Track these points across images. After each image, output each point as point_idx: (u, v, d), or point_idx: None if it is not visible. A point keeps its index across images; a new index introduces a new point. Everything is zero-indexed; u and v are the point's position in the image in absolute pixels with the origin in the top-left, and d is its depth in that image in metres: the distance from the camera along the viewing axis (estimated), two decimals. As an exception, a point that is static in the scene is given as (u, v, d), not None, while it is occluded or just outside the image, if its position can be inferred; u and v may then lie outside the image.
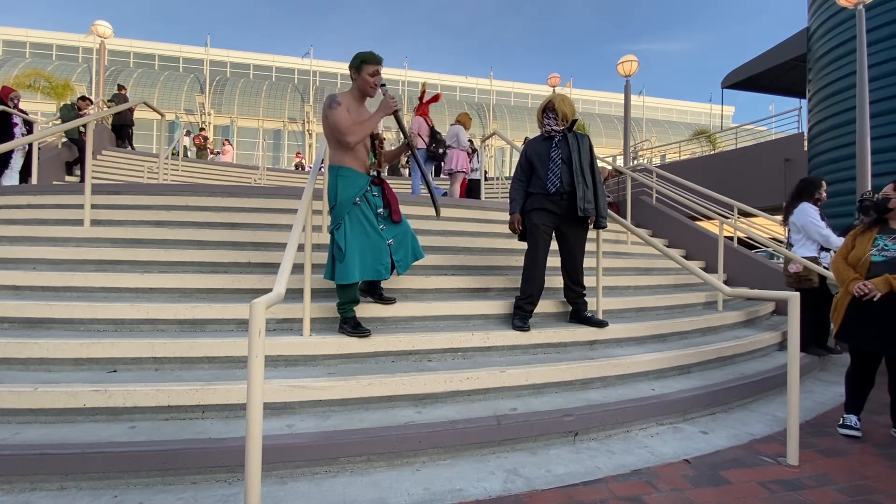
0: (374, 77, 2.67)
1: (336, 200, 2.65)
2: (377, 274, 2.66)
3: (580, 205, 3.02)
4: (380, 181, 2.83)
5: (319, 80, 32.67)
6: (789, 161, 10.68)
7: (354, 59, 2.69)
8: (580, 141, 3.14)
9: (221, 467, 1.87)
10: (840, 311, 2.62)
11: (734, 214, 6.00)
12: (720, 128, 20.35)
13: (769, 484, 1.98)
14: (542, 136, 3.22)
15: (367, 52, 2.70)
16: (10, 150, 5.81)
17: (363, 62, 2.66)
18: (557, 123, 3.14)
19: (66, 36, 30.72)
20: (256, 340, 1.49)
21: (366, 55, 2.68)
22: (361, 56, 2.67)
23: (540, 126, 3.25)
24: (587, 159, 3.13)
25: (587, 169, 3.11)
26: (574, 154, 3.07)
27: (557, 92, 3.48)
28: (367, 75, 2.66)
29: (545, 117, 3.19)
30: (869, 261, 2.52)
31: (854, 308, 2.54)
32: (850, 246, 2.66)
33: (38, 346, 2.34)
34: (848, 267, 2.61)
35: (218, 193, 4.33)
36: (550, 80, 14.96)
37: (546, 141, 3.18)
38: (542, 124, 3.21)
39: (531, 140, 3.32)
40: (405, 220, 2.90)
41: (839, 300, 2.65)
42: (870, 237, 2.58)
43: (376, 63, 2.68)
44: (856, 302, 2.52)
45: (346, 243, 2.58)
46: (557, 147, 3.12)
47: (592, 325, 3.22)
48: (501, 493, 1.86)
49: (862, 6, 5.91)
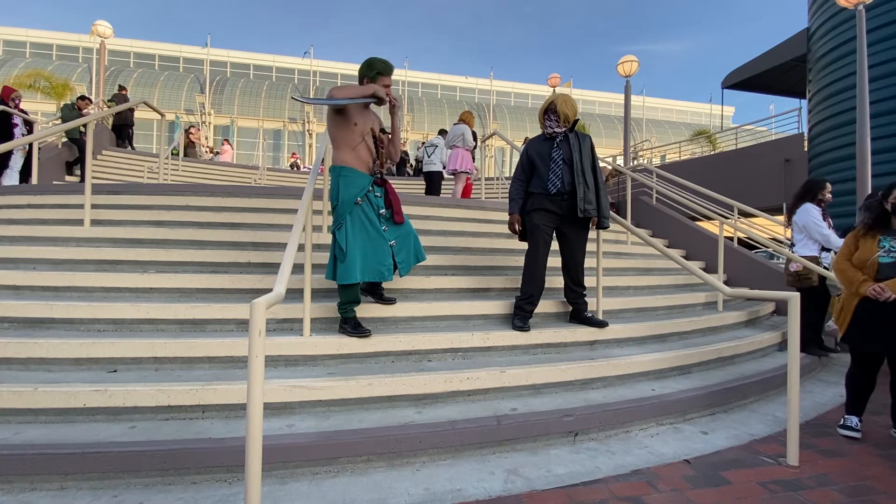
0: (388, 87, 2.69)
1: (337, 200, 2.65)
2: (379, 275, 2.64)
3: (580, 206, 3.02)
4: (382, 182, 2.82)
5: (320, 80, 32.67)
6: (789, 161, 10.68)
7: (370, 69, 2.68)
8: (581, 141, 3.14)
9: (221, 467, 1.87)
10: (847, 313, 2.59)
11: (734, 215, 6.01)
12: (720, 128, 20.36)
13: (769, 484, 1.98)
14: (544, 136, 3.22)
15: (381, 61, 2.69)
16: (10, 150, 5.81)
17: (379, 74, 2.67)
18: (559, 125, 3.14)
19: (66, 36, 30.74)
20: (256, 340, 1.49)
21: (382, 66, 2.68)
22: (378, 67, 2.67)
23: (542, 127, 3.25)
24: (588, 160, 3.13)
25: (588, 169, 3.10)
26: (575, 154, 3.07)
27: (559, 92, 3.44)
28: (381, 85, 2.67)
29: (546, 119, 3.18)
30: (877, 262, 2.49)
31: (862, 310, 2.52)
32: (853, 247, 2.63)
33: (38, 346, 2.34)
34: (855, 269, 2.57)
35: (218, 193, 4.33)
36: (550, 80, 14.96)
37: (547, 141, 3.18)
38: (544, 125, 3.21)
39: (532, 140, 3.31)
40: (407, 221, 2.89)
41: (846, 302, 2.62)
42: (874, 238, 2.56)
43: (390, 74, 2.69)
44: (864, 304, 2.51)
45: (348, 244, 2.57)
46: (559, 147, 3.12)
47: (593, 325, 3.22)
48: (501, 493, 1.86)
49: (862, 6, 5.91)
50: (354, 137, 2.68)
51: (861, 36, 5.96)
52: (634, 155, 15.02)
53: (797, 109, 12.08)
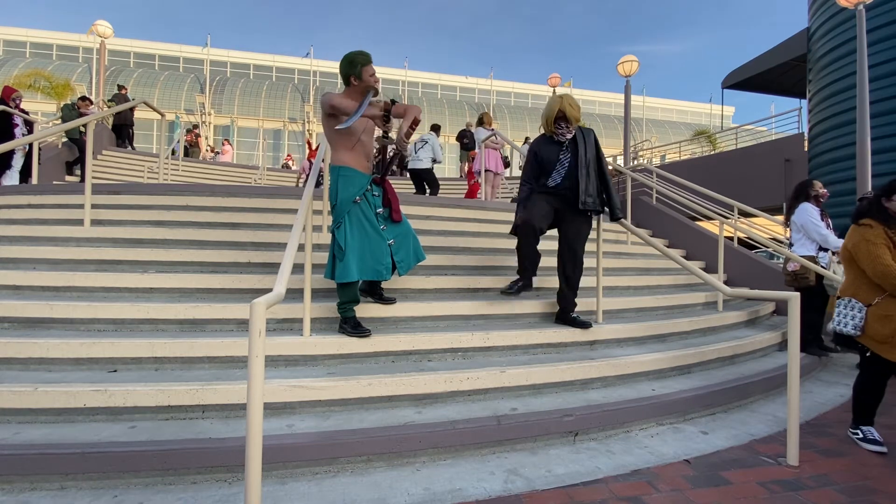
0: (373, 76, 2.66)
1: (336, 199, 2.66)
2: (377, 274, 2.65)
3: (581, 197, 3.01)
4: (381, 181, 2.82)
5: (319, 80, 32.67)
6: (789, 161, 10.68)
7: (352, 66, 2.61)
8: (586, 136, 3.14)
9: (221, 467, 1.87)
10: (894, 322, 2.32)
11: (734, 214, 6.01)
12: (720, 128, 20.35)
13: (769, 484, 1.98)
14: (552, 139, 3.19)
15: (360, 53, 2.63)
16: (11, 151, 5.81)
17: (363, 66, 2.62)
18: (570, 129, 3.13)
19: (66, 36, 30.73)
20: (256, 340, 1.49)
21: (363, 58, 2.62)
22: (360, 60, 2.61)
23: (550, 132, 3.19)
24: (592, 151, 3.11)
25: (592, 161, 3.09)
26: (580, 147, 3.08)
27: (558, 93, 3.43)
28: (367, 76, 2.64)
29: (557, 126, 3.12)
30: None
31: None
32: (888, 241, 2.37)
33: (38, 345, 2.34)
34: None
35: (218, 193, 4.33)
36: (550, 80, 14.95)
37: (555, 145, 3.16)
38: (555, 132, 3.15)
39: (539, 141, 3.25)
40: (406, 220, 2.89)
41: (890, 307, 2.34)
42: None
43: (371, 61, 2.64)
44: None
45: (346, 242, 2.58)
46: (567, 150, 3.12)
47: (576, 326, 3.16)
48: (501, 493, 1.86)
49: (862, 6, 5.91)
50: (351, 138, 2.68)
51: (861, 36, 5.96)
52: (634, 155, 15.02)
53: (797, 109, 12.07)
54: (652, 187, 7.03)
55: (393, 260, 2.72)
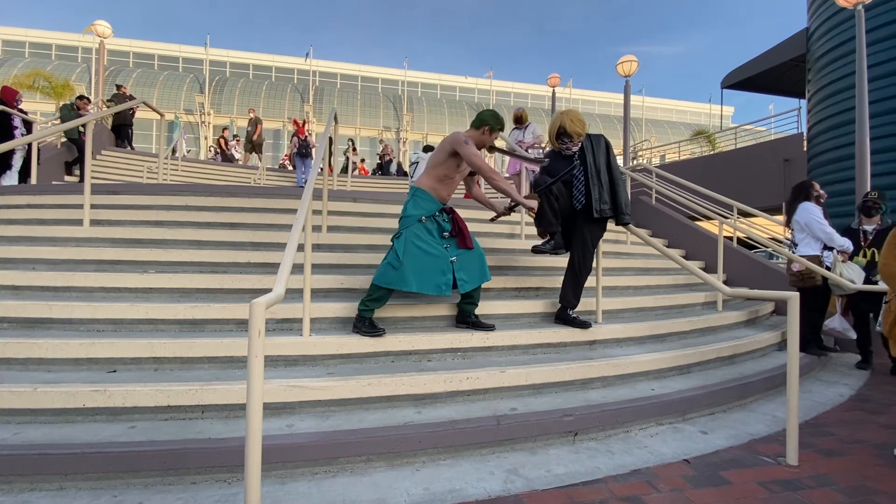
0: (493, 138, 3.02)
1: (404, 213, 2.90)
2: (437, 289, 2.74)
3: (595, 206, 3.01)
4: (450, 210, 3.02)
5: (319, 80, 32.68)
6: (789, 161, 10.70)
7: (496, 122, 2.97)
8: (595, 144, 3.14)
9: (221, 467, 1.87)
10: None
11: (734, 214, 6.01)
12: (720, 128, 20.37)
13: (769, 484, 1.98)
14: (560, 153, 3.23)
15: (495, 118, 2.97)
16: (10, 151, 5.80)
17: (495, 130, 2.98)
18: (574, 142, 3.15)
19: (65, 36, 30.73)
20: (256, 340, 1.48)
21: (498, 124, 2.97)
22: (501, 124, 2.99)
23: (555, 146, 3.26)
24: (603, 158, 3.11)
25: (603, 168, 3.08)
26: (588, 156, 3.08)
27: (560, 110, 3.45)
28: (490, 137, 2.98)
29: (561, 142, 3.19)
30: None
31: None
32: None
33: (38, 346, 2.34)
34: None
35: (218, 193, 4.33)
36: (550, 80, 14.96)
37: (565, 159, 3.19)
38: (559, 148, 3.21)
39: (550, 156, 3.34)
40: (477, 244, 3.00)
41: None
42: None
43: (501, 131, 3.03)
44: None
45: (403, 253, 2.72)
46: (577, 163, 3.13)
47: (576, 326, 3.17)
48: (501, 493, 1.86)
49: (861, 6, 5.92)
50: (448, 174, 2.93)
51: (860, 36, 5.97)
52: (634, 155, 15.03)
53: (796, 109, 12.10)
54: (651, 187, 7.03)
55: (455, 277, 2.80)
